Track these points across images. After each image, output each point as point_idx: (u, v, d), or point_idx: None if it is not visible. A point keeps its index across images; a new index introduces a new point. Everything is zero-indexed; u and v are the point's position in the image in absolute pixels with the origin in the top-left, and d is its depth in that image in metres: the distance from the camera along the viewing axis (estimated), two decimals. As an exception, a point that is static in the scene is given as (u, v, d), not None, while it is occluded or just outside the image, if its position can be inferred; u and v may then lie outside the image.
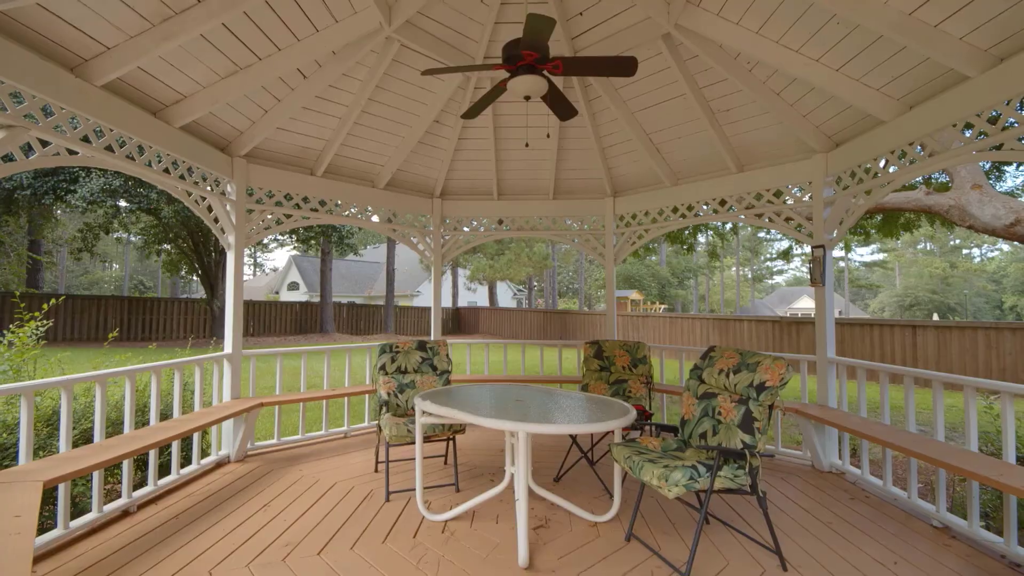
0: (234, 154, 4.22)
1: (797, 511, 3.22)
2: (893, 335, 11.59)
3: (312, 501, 3.30)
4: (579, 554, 2.61)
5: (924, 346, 11.04)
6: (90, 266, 38.87)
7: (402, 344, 4.08)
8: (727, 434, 2.59)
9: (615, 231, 5.64)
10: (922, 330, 11.18)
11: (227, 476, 3.78)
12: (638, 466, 2.44)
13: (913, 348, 11.19)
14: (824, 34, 3.18)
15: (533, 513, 3.08)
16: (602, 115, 4.83)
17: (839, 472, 3.93)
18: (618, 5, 3.66)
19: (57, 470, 2.47)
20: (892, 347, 11.58)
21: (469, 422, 2.68)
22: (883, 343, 11.82)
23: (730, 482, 2.37)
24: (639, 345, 4.30)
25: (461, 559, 2.55)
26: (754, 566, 2.51)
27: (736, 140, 4.47)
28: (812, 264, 4.09)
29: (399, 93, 4.38)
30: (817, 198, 4.10)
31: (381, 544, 2.71)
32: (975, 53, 2.77)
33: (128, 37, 2.92)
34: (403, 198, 5.48)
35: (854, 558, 2.61)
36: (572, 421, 2.61)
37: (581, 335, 19.34)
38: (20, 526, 1.86)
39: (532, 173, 5.59)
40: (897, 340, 11.46)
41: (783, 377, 2.44)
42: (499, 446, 4.51)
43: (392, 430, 3.30)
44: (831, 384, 4.05)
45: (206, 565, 2.48)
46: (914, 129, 3.28)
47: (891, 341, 11.62)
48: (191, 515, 3.07)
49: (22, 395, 2.62)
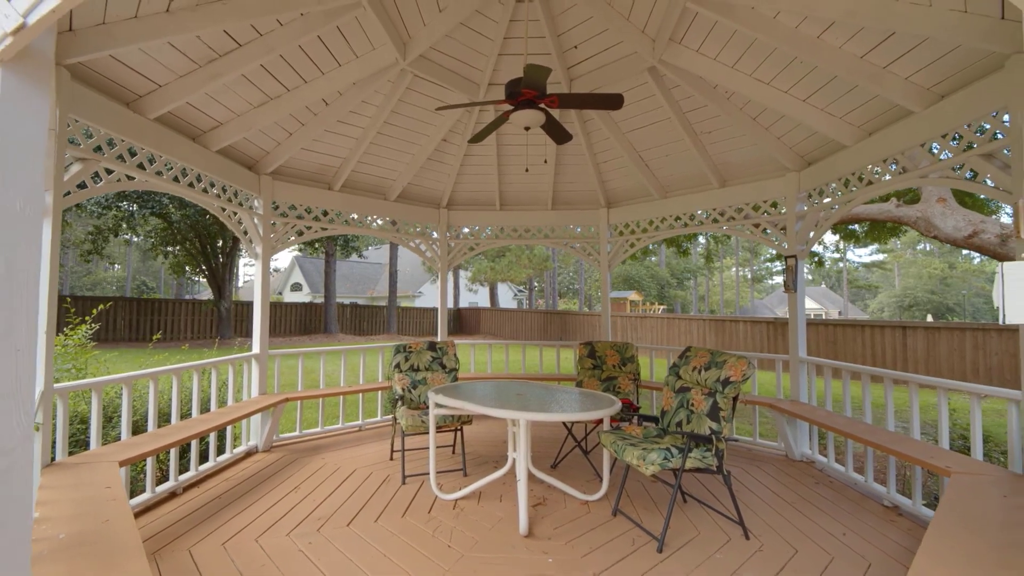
0: (261, 172, 4.64)
1: (766, 493, 3.64)
2: (884, 336, 11.97)
3: (336, 484, 3.72)
4: (571, 526, 3.04)
5: (914, 347, 11.40)
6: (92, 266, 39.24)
7: (414, 345, 4.50)
8: (698, 422, 3.01)
9: (609, 239, 6.07)
10: (912, 331, 11.52)
11: (257, 464, 4.21)
12: (621, 449, 2.86)
13: (904, 349, 11.57)
14: (791, 69, 3.59)
15: (532, 493, 3.51)
16: (596, 135, 5.25)
17: (809, 461, 4.35)
18: (608, 41, 4.08)
19: (124, 453, 2.89)
20: (883, 347, 11.98)
21: (478, 412, 3.11)
22: (874, 343, 12.22)
23: (699, 462, 2.79)
24: (628, 346, 4.72)
25: (471, 529, 2.98)
26: (721, 535, 2.93)
27: (718, 158, 4.89)
28: (786, 272, 4.51)
29: (411, 116, 4.81)
30: (790, 212, 4.52)
31: (401, 518, 3.14)
32: (919, 91, 3.19)
33: (177, 76, 3.34)
34: (412, 209, 5.91)
35: (809, 529, 3.03)
36: (566, 411, 3.04)
37: (581, 335, 19.75)
38: (114, 494, 2.28)
39: (532, 185, 6.01)
40: (888, 341, 11.84)
41: (745, 374, 2.86)
42: (502, 437, 4.94)
43: (408, 421, 3.73)
44: (802, 381, 4.47)
45: (252, 535, 2.90)
46: (872, 153, 3.70)
47: (882, 342, 12.01)
48: (231, 496, 3.50)
49: (93, 390, 3.04)
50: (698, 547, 2.79)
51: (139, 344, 16.05)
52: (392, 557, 2.66)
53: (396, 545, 2.79)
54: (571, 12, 3.90)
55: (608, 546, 2.80)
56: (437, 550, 2.74)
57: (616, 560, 2.65)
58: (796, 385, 4.48)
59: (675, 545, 2.81)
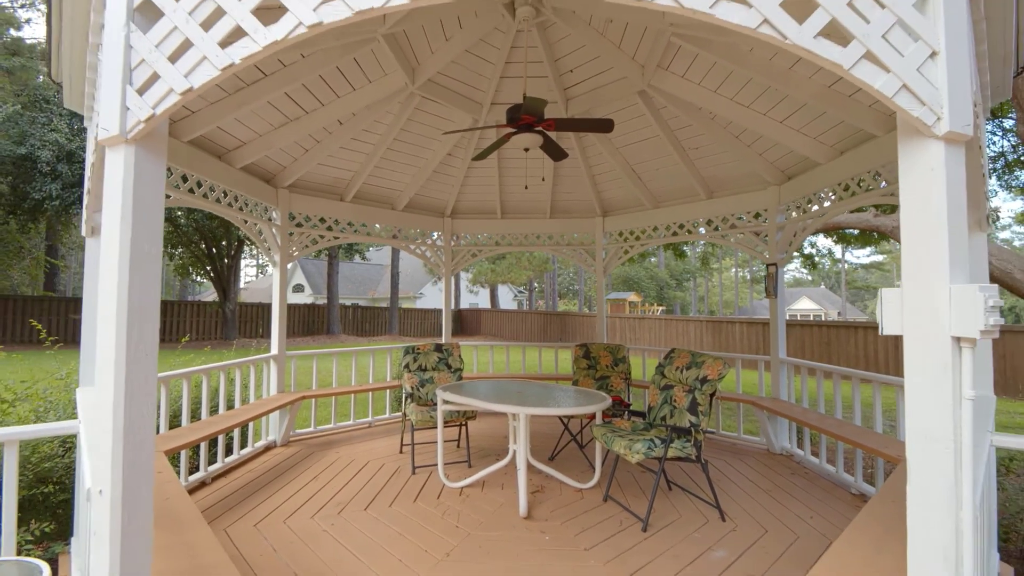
0: (279, 186, 4.99)
1: (745, 483, 3.98)
2: (876, 337, 12.34)
3: (352, 475, 4.06)
4: (566, 509, 3.38)
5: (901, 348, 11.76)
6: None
7: (422, 347, 4.85)
8: (679, 416, 3.36)
9: (604, 246, 6.41)
10: (902, 332, 11.86)
11: (277, 456, 4.55)
12: (611, 440, 3.21)
13: (896, 350, 11.90)
14: (768, 95, 3.93)
15: (531, 482, 3.85)
16: (591, 149, 5.59)
17: (788, 454, 4.69)
18: (601, 66, 4.42)
19: (166, 444, 3.23)
20: (875, 349, 12.34)
21: (482, 408, 3.45)
22: (867, 345, 12.59)
23: (680, 452, 3.14)
24: (619, 347, 5.07)
25: (476, 512, 3.32)
26: (700, 518, 3.27)
27: (704, 172, 5.24)
28: (767, 279, 4.85)
29: (418, 133, 5.15)
30: (771, 223, 4.86)
31: (413, 503, 3.48)
32: (881, 118, 3.53)
33: (208, 104, 3.69)
34: (419, 218, 6.26)
35: (780, 513, 3.37)
36: (562, 406, 3.38)
37: (580, 336, 20.10)
38: (166, 478, 2.62)
39: (532, 196, 6.35)
40: (880, 342, 12.20)
41: (720, 373, 3.20)
42: (503, 432, 5.28)
43: (418, 416, 4.07)
44: (782, 380, 4.81)
45: (280, 517, 3.25)
46: (843, 171, 4.04)
47: (875, 343, 12.38)
48: (257, 484, 3.84)
49: (136, 387, 3.38)
50: (678, 527, 3.14)
51: (163, 345, 16.37)
52: (407, 535, 3.01)
53: (410, 525, 3.14)
54: (566, 40, 4.24)
55: (598, 527, 3.14)
56: (446, 529, 3.08)
57: (605, 538, 2.99)
58: (776, 384, 4.82)
59: (658, 526, 3.15)
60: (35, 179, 14.00)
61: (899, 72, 1.21)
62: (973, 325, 1.14)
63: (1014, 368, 10.29)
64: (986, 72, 2.31)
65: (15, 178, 14.17)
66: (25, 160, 13.89)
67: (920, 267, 1.24)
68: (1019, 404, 9.09)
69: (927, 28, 1.22)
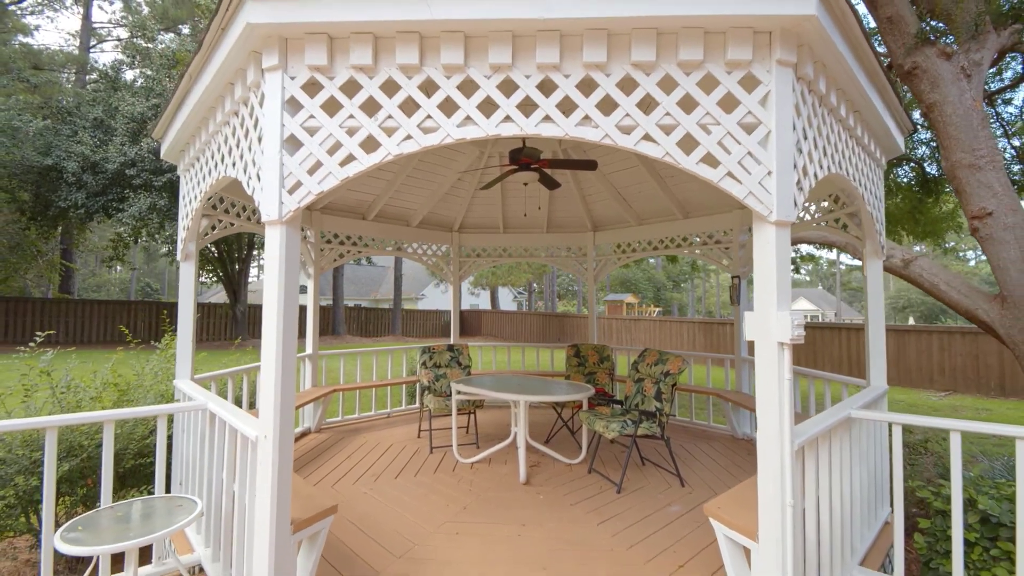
0: (313, 209, 5.80)
1: (707, 460, 4.79)
2: (860, 338, 13.13)
3: (380, 454, 4.87)
4: (557, 479, 4.20)
5: (887, 349, 12.55)
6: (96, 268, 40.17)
7: (436, 347, 5.66)
8: (648, 403, 4.17)
9: (595, 257, 7.23)
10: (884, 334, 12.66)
11: (313, 440, 5.36)
12: (592, 422, 4.02)
13: (874, 351, 12.68)
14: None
15: (529, 458, 4.66)
16: (582, 175, 6.41)
17: (749, 439, 5.50)
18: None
19: (236, 425, 4.04)
20: (858, 350, 13.13)
21: (489, 396, 4.26)
22: (850, 346, 13.39)
23: (647, 431, 3.95)
24: (604, 347, 5.89)
25: (484, 480, 4.14)
26: (664, 484, 4.09)
27: (680, 196, 6.05)
28: (731, 289, 5.67)
29: (432, 162, 5.96)
30: (735, 241, 5.68)
31: (433, 474, 4.30)
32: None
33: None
34: (430, 232, 7.08)
35: (730, 482, 4.18)
36: (555, 395, 4.20)
37: (577, 336, 20.93)
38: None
39: (530, 213, 7.16)
40: (862, 343, 12.99)
41: (680, 368, 4.02)
42: (505, 421, 6.09)
43: (435, 404, 4.89)
44: (745, 375, 5.63)
45: (329, 483, 4.06)
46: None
47: (858, 344, 13.17)
48: (303, 461, 4.65)
49: (213, 382, 4.19)
50: (646, 491, 3.95)
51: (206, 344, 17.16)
52: (431, 495, 3.82)
53: (433, 488, 3.95)
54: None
55: (582, 490, 3.95)
56: (462, 491, 3.90)
57: (587, 497, 3.80)
58: (739, 378, 5.64)
59: (630, 489, 3.97)
60: (60, 188, 14.78)
61: (748, 184, 2.02)
62: (787, 335, 1.96)
63: (987, 367, 10.92)
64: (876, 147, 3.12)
65: (40, 187, 14.94)
66: (51, 170, 14.67)
67: (760, 299, 2.05)
68: (991, 402, 9.85)
69: (766, 157, 2.03)
